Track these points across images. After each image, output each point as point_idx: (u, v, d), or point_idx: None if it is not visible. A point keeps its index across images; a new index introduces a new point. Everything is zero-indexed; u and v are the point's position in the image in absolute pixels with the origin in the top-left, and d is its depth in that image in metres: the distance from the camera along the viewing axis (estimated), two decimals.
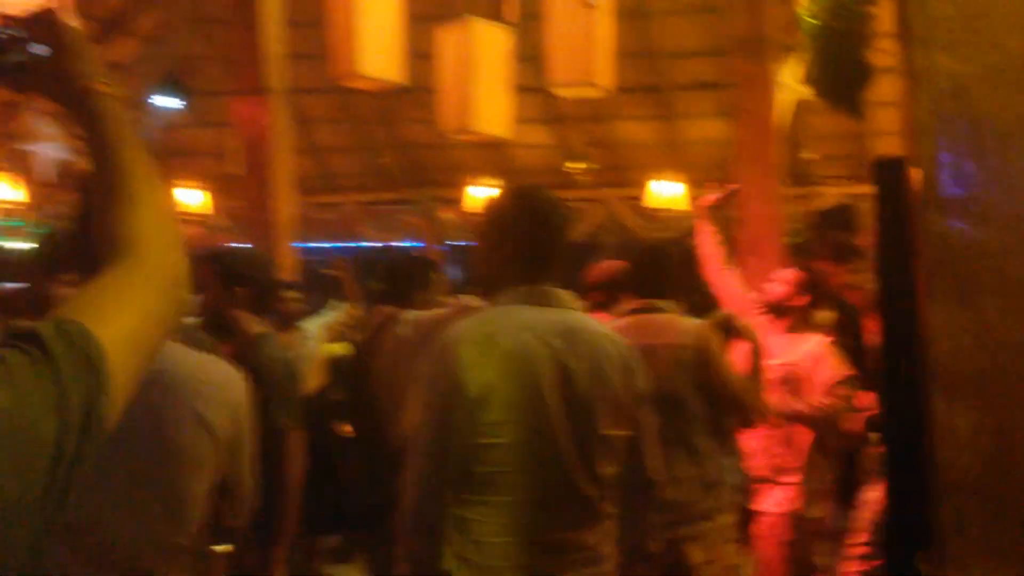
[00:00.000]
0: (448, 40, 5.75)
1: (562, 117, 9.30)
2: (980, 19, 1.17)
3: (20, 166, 7.46)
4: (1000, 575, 1.09)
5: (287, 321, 4.98)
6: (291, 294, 5.09)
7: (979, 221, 1.13)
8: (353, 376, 2.94)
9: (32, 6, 1.21)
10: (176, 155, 10.04)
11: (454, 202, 9.48)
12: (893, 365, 1.28)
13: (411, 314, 2.94)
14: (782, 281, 3.67)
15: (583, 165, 8.93)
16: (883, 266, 1.35)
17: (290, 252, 6.12)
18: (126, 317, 0.84)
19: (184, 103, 9.38)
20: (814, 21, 2.14)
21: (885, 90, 2.74)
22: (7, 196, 7.16)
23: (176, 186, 8.76)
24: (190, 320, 4.48)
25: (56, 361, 0.74)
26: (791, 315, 3.66)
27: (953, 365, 1.12)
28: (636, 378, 2.11)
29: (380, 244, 9.42)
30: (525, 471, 1.95)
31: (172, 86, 9.40)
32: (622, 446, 2.08)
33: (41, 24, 1.06)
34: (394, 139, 9.66)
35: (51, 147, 7.57)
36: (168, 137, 10.12)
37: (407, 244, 9.21)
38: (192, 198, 8.44)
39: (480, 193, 8.87)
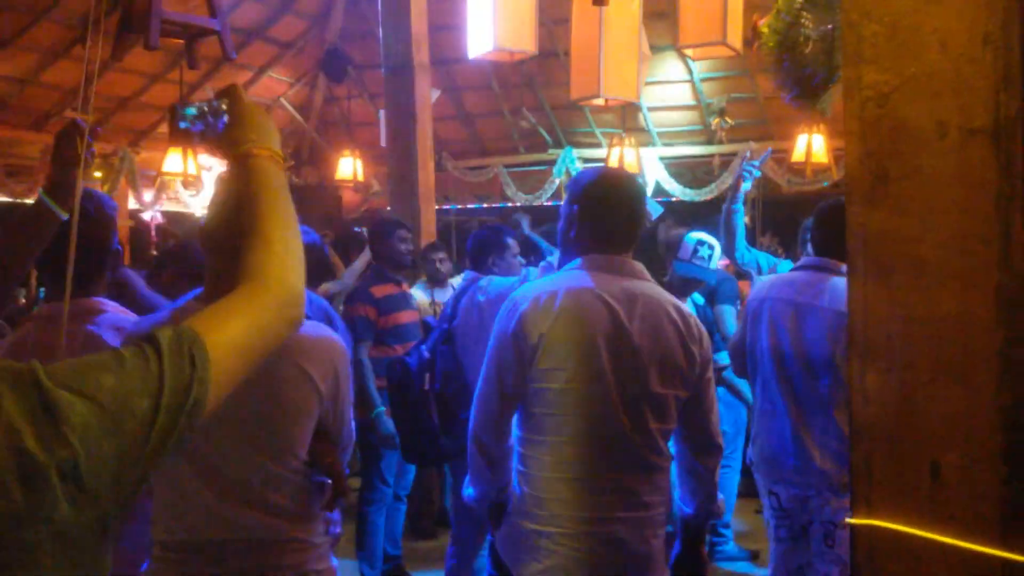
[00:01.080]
0: (581, 6, 5.98)
1: (703, 74, 9.28)
2: (902, 35, 1.33)
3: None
4: (901, 511, 1.30)
5: (439, 279, 5.35)
6: (439, 255, 5.47)
7: (895, 211, 1.32)
8: (438, 338, 3.31)
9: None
10: (337, 125, 10.78)
11: (594, 161, 9.69)
12: None
13: (486, 279, 3.25)
14: None
15: (726, 121, 8.89)
16: None
17: (432, 215, 6.55)
18: (235, 327, 1.07)
19: (345, 76, 10.01)
20: (775, 30, 2.27)
21: None
22: (181, 168, 8.05)
23: (337, 155, 9.46)
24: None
25: (162, 357, 0.97)
26: None
27: (868, 332, 1.32)
28: (697, 345, 2.23)
29: (523, 204, 9.76)
30: (575, 415, 2.14)
31: (334, 61, 10.03)
32: (675, 406, 2.22)
33: (227, 98, 1.36)
34: (538, 102, 9.94)
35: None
36: (329, 109, 10.88)
37: (552, 204, 9.53)
38: (347, 166, 9.06)
39: (622, 155, 9.03)
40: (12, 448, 0.85)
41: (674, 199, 9.40)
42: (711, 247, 4.16)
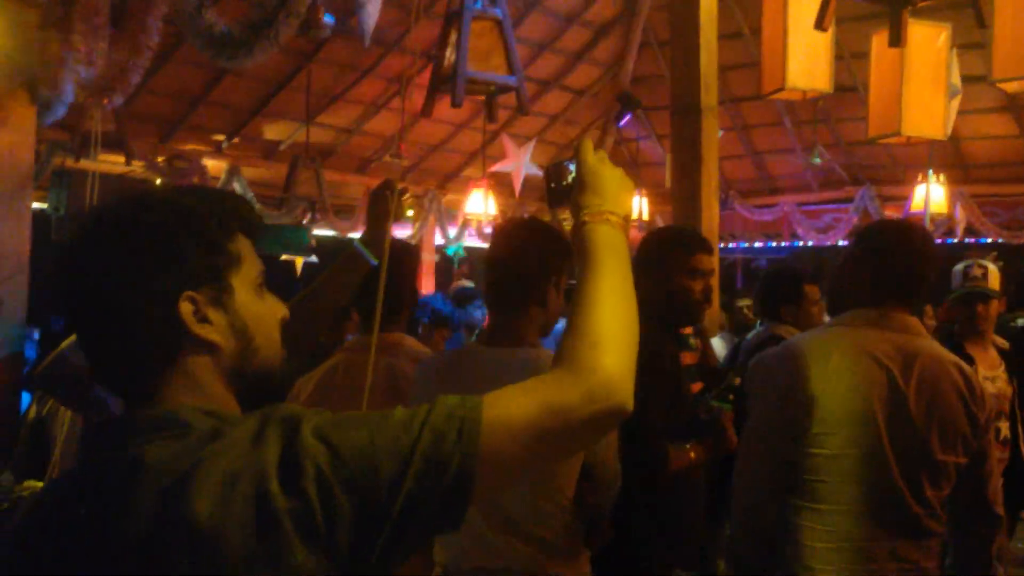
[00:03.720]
0: (882, 42, 5.70)
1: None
2: None
3: (495, 183, 8.90)
4: None
5: (742, 329, 4.99)
6: (744, 301, 5.19)
7: None
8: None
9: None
10: (626, 166, 10.98)
11: (896, 200, 9.07)
12: None
13: (781, 328, 3.09)
14: None
15: None
16: None
17: (716, 259, 6.42)
18: (522, 406, 0.99)
19: (635, 119, 10.22)
20: None
21: None
22: (482, 209, 8.62)
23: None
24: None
25: (426, 423, 0.94)
26: None
27: None
28: (978, 406, 2.10)
29: (814, 244, 9.37)
30: (849, 483, 2.04)
31: (626, 104, 10.29)
32: (955, 471, 2.09)
33: (574, 157, 1.30)
34: (834, 138, 9.52)
35: (521, 167, 8.90)
36: (618, 151, 11.15)
37: (843, 244, 9.06)
38: (634, 204, 9.25)
39: (928, 191, 8.39)
40: (259, 491, 0.88)
41: (988, 241, 8.56)
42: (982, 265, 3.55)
